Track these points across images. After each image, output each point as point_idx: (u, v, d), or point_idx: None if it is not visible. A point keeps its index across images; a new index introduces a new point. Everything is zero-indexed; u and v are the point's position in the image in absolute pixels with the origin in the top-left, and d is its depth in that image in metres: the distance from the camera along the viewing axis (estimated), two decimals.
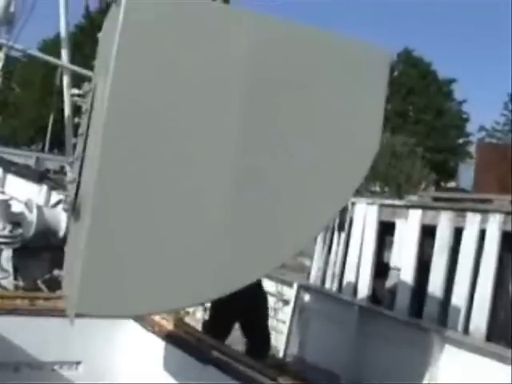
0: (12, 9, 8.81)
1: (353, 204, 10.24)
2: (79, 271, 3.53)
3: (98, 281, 3.57)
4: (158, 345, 5.71)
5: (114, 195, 3.55)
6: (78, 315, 3.61)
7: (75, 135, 4.50)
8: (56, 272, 4.45)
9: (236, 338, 8.15)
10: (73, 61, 11.04)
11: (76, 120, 4.38)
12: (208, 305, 8.87)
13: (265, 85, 3.88)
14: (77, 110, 4.48)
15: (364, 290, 9.73)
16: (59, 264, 4.62)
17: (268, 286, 9.11)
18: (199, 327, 6.16)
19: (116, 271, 3.61)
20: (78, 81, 11.11)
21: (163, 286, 3.73)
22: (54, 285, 4.61)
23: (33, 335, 5.48)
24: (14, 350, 5.48)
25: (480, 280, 8.10)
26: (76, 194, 3.85)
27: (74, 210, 3.89)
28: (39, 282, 8.04)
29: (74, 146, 4.43)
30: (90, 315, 3.87)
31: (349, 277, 10.07)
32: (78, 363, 5.85)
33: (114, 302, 3.66)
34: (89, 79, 4.32)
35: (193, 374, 5.32)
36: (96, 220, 3.51)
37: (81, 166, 3.84)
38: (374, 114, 4.26)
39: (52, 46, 46.29)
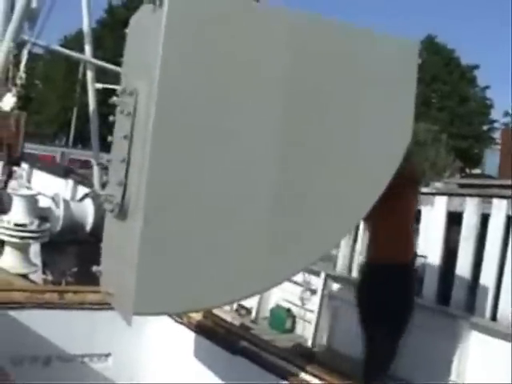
0: (34, 5, 8.81)
1: None
2: (134, 273, 3.67)
3: (153, 281, 3.73)
4: (187, 336, 5.73)
5: (165, 197, 3.72)
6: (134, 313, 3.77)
7: (109, 132, 4.52)
8: (94, 268, 4.49)
9: None
10: (94, 55, 11.07)
11: (111, 118, 4.40)
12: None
13: (305, 85, 4.07)
14: (102, 105, 4.53)
15: None
16: (87, 257, 4.67)
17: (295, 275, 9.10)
18: (227, 318, 6.15)
19: (169, 270, 3.78)
20: (100, 75, 11.17)
21: (212, 282, 3.92)
22: (82, 278, 4.64)
23: (62, 328, 5.52)
24: (44, 344, 5.52)
25: (507, 266, 8.04)
26: (123, 196, 3.94)
27: (120, 211, 3.99)
28: (67, 275, 8.11)
29: (110, 144, 4.49)
30: (147, 314, 4.22)
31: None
32: (107, 355, 5.88)
33: (168, 300, 3.84)
34: (116, 75, 4.35)
35: (222, 364, 5.34)
36: (149, 222, 3.65)
37: (127, 168, 3.93)
38: (406, 106, 4.44)
39: (74, 41, 46.48)
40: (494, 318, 8.07)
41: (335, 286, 10.29)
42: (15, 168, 9.04)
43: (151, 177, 3.66)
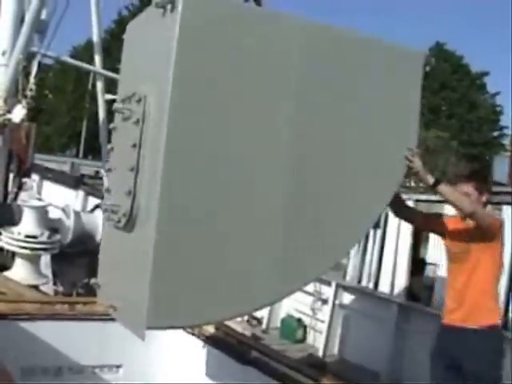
0: (43, 17, 8.85)
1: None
2: (147, 286, 3.58)
3: (166, 294, 3.65)
4: (198, 346, 5.74)
5: (178, 207, 3.66)
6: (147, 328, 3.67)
7: (109, 141, 4.52)
8: (92, 280, 4.44)
9: None
10: (104, 66, 11.10)
11: (111, 126, 4.40)
12: None
13: (316, 92, 4.09)
14: (112, 115, 4.42)
15: (401, 287, 9.67)
16: (97, 269, 4.63)
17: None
18: (238, 328, 6.15)
19: (181, 283, 3.72)
20: (109, 85, 11.19)
21: (225, 294, 3.87)
22: (93, 290, 4.60)
23: (73, 339, 5.54)
24: (55, 355, 5.53)
25: None
26: (132, 206, 3.84)
27: (128, 222, 3.89)
28: (78, 286, 8.11)
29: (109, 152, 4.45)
30: (160, 328, 4.09)
31: (385, 274, 10.02)
32: (118, 366, 5.89)
33: (181, 314, 3.78)
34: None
35: (233, 375, 5.33)
36: (162, 233, 3.59)
37: (136, 178, 3.83)
38: (411, 111, 4.58)
39: (84, 52, 46.64)
40: (505, 325, 8.03)
41: (346, 296, 10.27)
42: (25, 179, 9.06)
43: (165, 186, 3.58)
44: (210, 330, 5.67)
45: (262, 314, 10.76)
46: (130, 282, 3.90)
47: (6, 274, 7.35)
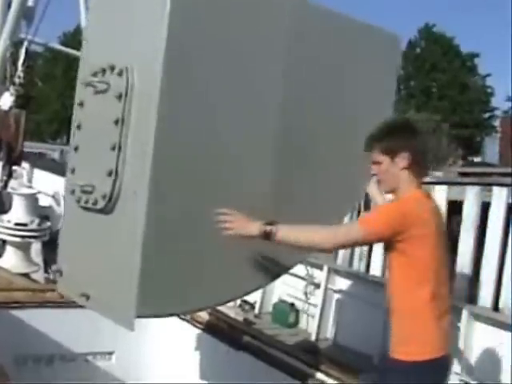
0: (30, 3, 8.78)
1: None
2: (136, 273, 3.38)
3: (155, 281, 3.48)
4: (191, 332, 5.74)
5: (169, 188, 3.48)
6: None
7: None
8: (54, 267, 4.20)
9: None
10: None
11: (77, 100, 4.03)
12: None
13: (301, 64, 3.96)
14: None
15: None
16: None
17: (298, 269, 9.08)
18: (230, 313, 6.15)
19: (170, 269, 3.56)
20: None
21: (215, 279, 3.75)
22: None
23: (65, 327, 5.53)
24: (47, 343, 5.53)
25: (508, 255, 8.00)
26: (113, 187, 3.55)
27: (108, 204, 3.59)
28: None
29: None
30: (149, 317, 3.81)
31: (376, 257, 10.03)
32: (110, 353, 5.89)
33: (171, 301, 3.64)
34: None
35: (226, 360, 5.34)
36: (152, 214, 3.38)
37: (118, 156, 3.54)
38: (387, 92, 4.52)
39: (72, 38, 46.46)
40: (495, 308, 8.04)
41: (338, 280, 10.28)
42: (15, 167, 9.03)
43: (155, 165, 3.35)
44: (203, 315, 5.67)
45: (255, 298, 10.76)
46: (111, 267, 3.66)
47: None
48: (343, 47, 4.19)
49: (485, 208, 8.49)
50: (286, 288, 10.56)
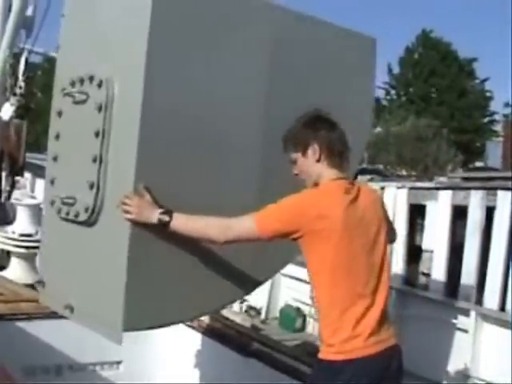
0: (29, 13, 8.74)
1: (382, 188, 10.17)
2: (122, 286, 3.29)
3: (141, 292, 3.40)
4: (198, 340, 5.72)
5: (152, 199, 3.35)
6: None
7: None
8: (36, 278, 4.07)
9: None
10: None
11: (54, 110, 3.91)
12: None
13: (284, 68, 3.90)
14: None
15: (398, 273, 9.68)
16: None
17: (302, 273, 9.06)
18: (237, 319, 6.15)
19: (156, 279, 3.47)
20: None
21: (204, 287, 3.64)
22: None
23: (72, 337, 5.50)
24: (55, 353, 5.52)
25: None
26: (96, 199, 3.47)
27: (91, 216, 3.50)
28: None
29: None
30: (136, 330, 3.62)
31: None
32: (118, 363, 5.87)
33: (155, 314, 3.52)
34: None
35: (234, 367, 5.32)
36: (136, 228, 3.30)
37: (100, 169, 3.46)
38: (364, 97, 4.43)
39: None
40: (502, 308, 8.05)
41: None
42: (18, 178, 9.00)
43: (138, 178, 3.28)
44: (210, 322, 5.66)
45: (261, 304, 10.76)
46: (94, 279, 3.58)
47: (2, 273, 7.31)
48: (321, 52, 4.12)
49: (489, 212, 8.50)
50: (291, 292, 10.56)
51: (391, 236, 3.72)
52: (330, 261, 3.30)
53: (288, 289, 10.07)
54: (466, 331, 8.12)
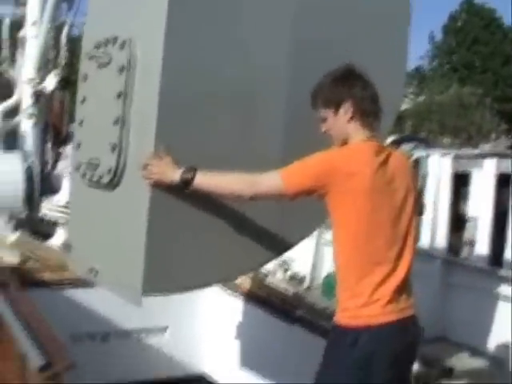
0: None
1: (426, 156, 10.07)
2: (142, 248, 3.28)
3: (162, 255, 3.37)
4: (243, 306, 5.74)
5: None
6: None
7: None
8: (63, 242, 4.04)
9: None
10: None
11: (81, 74, 3.92)
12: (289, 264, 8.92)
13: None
14: None
15: (442, 242, 9.59)
16: None
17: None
18: (280, 287, 6.15)
19: (177, 242, 3.43)
20: None
21: (227, 252, 3.59)
22: None
23: (118, 304, 5.53)
24: (102, 320, 5.58)
25: None
26: (118, 162, 3.44)
27: (113, 179, 3.48)
28: None
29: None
30: (156, 293, 3.59)
31: (425, 229, 9.95)
32: (164, 329, 5.92)
33: (177, 277, 3.49)
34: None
35: (278, 334, 5.34)
36: (156, 191, 3.27)
37: (122, 130, 3.43)
38: (398, 52, 4.24)
39: None
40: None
41: None
42: (62, 148, 9.08)
43: (159, 139, 3.25)
44: (254, 289, 5.67)
45: (304, 272, 10.75)
46: (117, 243, 3.58)
47: (49, 242, 7.38)
48: (352, 15, 3.96)
49: None
50: None
51: (419, 208, 3.57)
52: (353, 223, 3.19)
53: (331, 257, 10.04)
54: (509, 300, 8.05)
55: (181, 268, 3.46)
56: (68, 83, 8.94)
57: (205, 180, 3.24)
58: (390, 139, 3.41)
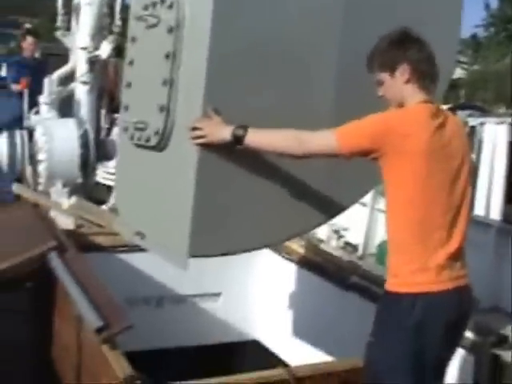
0: None
1: (481, 124, 9.90)
2: (189, 211, 3.27)
3: (208, 218, 3.35)
4: (296, 272, 5.74)
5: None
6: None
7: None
8: (109, 205, 4.01)
9: None
10: None
11: (129, 36, 3.89)
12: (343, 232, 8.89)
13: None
14: None
15: (497, 211, 9.46)
16: None
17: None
18: (335, 253, 6.12)
19: (222, 208, 3.41)
20: None
21: (272, 216, 3.57)
22: None
23: (172, 269, 5.56)
24: (156, 285, 5.62)
25: None
26: (166, 123, 3.44)
27: (161, 140, 3.48)
28: None
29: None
30: (202, 256, 3.55)
31: (480, 197, 9.82)
32: (217, 294, 5.95)
33: (224, 240, 3.48)
34: None
35: (333, 300, 5.32)
36: (204, 152, 3.26)
37: (170, 91, 3.40)
38: (451, 18, 4.14)
39: None
40: None
41: None
42: (117, 115, 9.10)
43: (207, 101, 3.22)
44: (309, 255, 5.65)
45: (357, 240, 10.71)
46: (163, 206, 3.59)
47: (104, 207, 7.44)
48: None
49: None
50: None
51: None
52: (409, 186, 3.14)
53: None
54: None
55: (228, 230, 3.47)
56: (122, 50, 8.97)
57: (256, 137, 3.23)
58: (444, 107, 3.30)
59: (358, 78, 3.50)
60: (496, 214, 9.38)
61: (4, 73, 12.07)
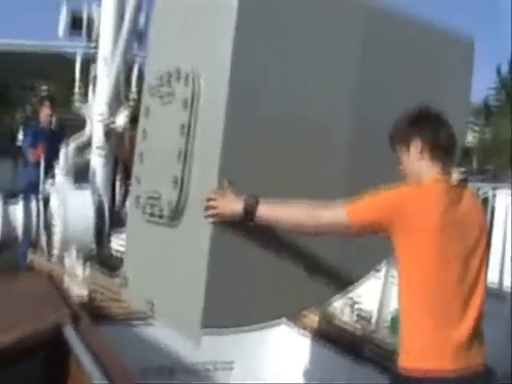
0: (141, 26, 8.87)
1: (494, 195, 9.90)
2: (202, 284, 3.27)
3: (221, 292, 3.35)
4: (310, 343, 5.72)
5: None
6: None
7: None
8: (121, 275, 4.07)
9: None
10: None
11: (143, 107, 3.98)
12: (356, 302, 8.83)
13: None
14: None
15: (510, 281, 9.40)
16: None
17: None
18: (347, 326, 6.10)
19: (236, 281, 3.41)
20: None
21: (281, 291, 3.56)
22: None
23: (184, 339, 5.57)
24: (169, 354, 5.59)
25: None
26: (179, 196, 3.45)
27: (175, 213, 3.49)
28: None
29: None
30: (214, 328, 3.51)
31: (493, 269, 9.76)
32: (231, 363, 5.91)
33: (237, 313, 3.47)
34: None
35: (345, 372, 5.29)
36: (218, 228, 3.28)
37: (184, 164, 3.43)
38: (460, 102, 4.25)
39: None
40: None
41: None
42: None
43: (223, 174, 3.24)
44: (322, 326, 5.64)
45: (371, 310, 10.65)
46: (176, 278, 3.58)
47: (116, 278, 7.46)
48: (417, 57, 4.02)
49: None
50: None
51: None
52: (418, 265, 3.09)
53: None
54: None
55: (240, 303, 3.45)
56: (137, 119, 9.05)
57: (268, 210, 3.23)
58: (457, 172, 3.34)
59: (371, 148, 3.62)
60: (509, 282, 9.33)
61: (21, 137, 12.18)
